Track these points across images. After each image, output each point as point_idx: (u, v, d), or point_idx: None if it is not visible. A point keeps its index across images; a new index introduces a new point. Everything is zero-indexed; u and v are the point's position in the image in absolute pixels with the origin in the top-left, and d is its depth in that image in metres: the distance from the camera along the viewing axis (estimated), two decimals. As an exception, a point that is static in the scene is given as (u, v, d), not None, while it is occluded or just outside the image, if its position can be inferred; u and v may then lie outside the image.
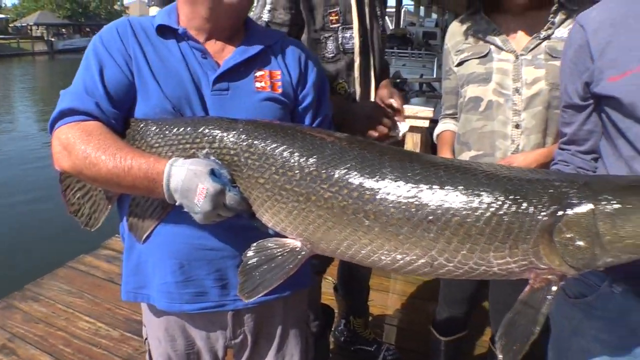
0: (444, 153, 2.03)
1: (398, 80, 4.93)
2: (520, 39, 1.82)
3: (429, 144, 4.90)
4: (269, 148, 1.21)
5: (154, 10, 5.49)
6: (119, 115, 1.33)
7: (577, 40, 1.35)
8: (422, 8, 26.48)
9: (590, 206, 0.99)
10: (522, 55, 1.80)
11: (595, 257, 1.00)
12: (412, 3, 25.38)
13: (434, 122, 5.15)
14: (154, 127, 1.31)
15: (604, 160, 1.35)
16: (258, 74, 1.41)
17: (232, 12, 1.38)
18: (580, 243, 0.99)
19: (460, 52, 1.93)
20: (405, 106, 4.28)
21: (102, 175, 1.24)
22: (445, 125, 2.09)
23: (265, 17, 1.82)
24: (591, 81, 1.31)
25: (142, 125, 1.33)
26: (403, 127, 1.92)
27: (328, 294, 2.94)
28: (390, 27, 18.12)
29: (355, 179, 1.12)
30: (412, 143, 4.14)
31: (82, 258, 4.01)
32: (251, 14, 1.77)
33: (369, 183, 1.10)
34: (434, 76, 8.18)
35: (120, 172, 1.22)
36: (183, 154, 1.28)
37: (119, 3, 77.90)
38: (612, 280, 1.32)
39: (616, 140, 1.28)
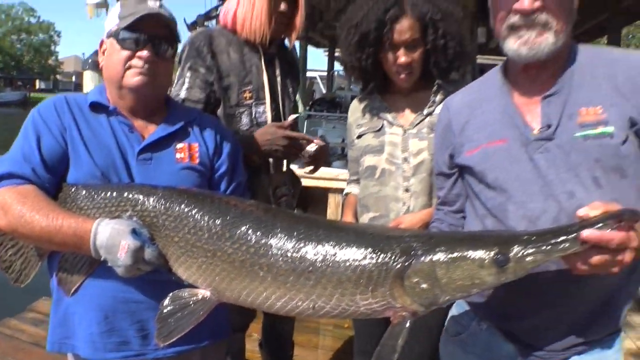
0: (347, 214, 2.28)
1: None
2: (407, 116, 2.15)
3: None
4: (183, 211, 1.43)
5: (88, 74, 5.65)
6: (52, 180, 1.50)
7: (444, 119, 1.66)
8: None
9: (430, 256, 1.25)
10: (408, 129, 2.11)
11: (437, 296, 1.25)
12: (343, 67, 26.53)
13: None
14: (84, 192, 1.49)
15: (467, 218, 1.63)
16: (178, 146, 1.63)
17: (134, 94, 1.59)
18: (424, 286, 1.24)
19: (359, 127, 2.23)
20: (327, 169, 4.56)
21: (36, 233, 1.40)
22: (349, 190, 2.36)
23: (182, 95, 2.05)
24: (454, 154, 1.61)
25: (72, 189, 1.51)
26: (312, 146, 2.17)
27: (255, 352, 3.05)
28: (324, 91, 18.81)
29: (252, 237, 1.36)
30: (335, 203, 4.43)
31: (7, 321, 3.93)
32: (172, 91, 2.00)
33: (263, 241, 1.35)
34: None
35: (52, 230, 1.39)
36: (109, 216, 1.46)
37: (53, 58, 76.24)
38: (479, 319, 1.57)
39: (474, 202, 1.57)
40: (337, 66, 16.60)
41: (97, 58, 5.61)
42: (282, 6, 2.09)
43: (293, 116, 2.14)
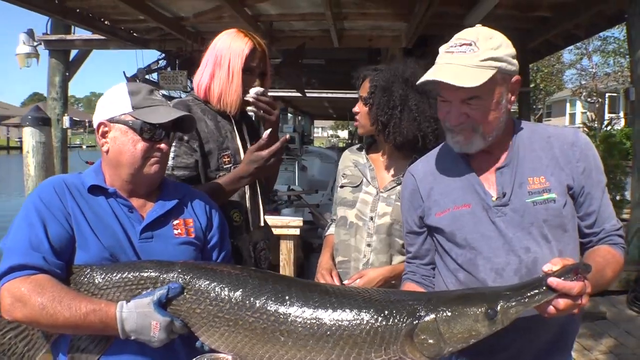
0: (326, 253, 2.52)
1: (269, 194, 5.43)
2: (384, 179, 2.40)
3: (300, 247, 5.40)
4: (203, 285, 1.52)
5: (27, 131, 5.55)
6: (62, 266, 1.51)
7: (410, 185, 1.90)
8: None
9: (432, 316, 1.43)
10: (381, 192, 2.37)
11: (442, 348, 1.44)
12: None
13: (307, 223, 5.60)
14: (100, 272, 1.53)
15: (438, 270, 1.86)
16: (174, 222, 1.71)
17: (149, 180, 1.69)
18: (431, 341, 1.42)
19: (344, 177, 2.50)
20: (277, 217, 4.71)
21: (60, 324, 1.43)
22: (331, 231, 2.59)
23: (170, 163, 2.07)
24: (423, 215, 1.83)
25: (87, 270, 1.54)
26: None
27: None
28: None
29: (272, 306, 1.47)
30: (287, 249, 4.61)
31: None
32: None
33: (282, 309, 1.47)
34: (296, 179, 8.86)
35: (77, 320, 1.43)
36: (129, 294, 1.50)
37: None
38: (457, 356, 1.80)
39: (444, 257, 1.80)
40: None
41: (37, 114, 5.50)
42: (256, 82, 2.25)
43: (267, 131, 2.19)
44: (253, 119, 2.66)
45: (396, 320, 1.45)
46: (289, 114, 30.79)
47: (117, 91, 1.71)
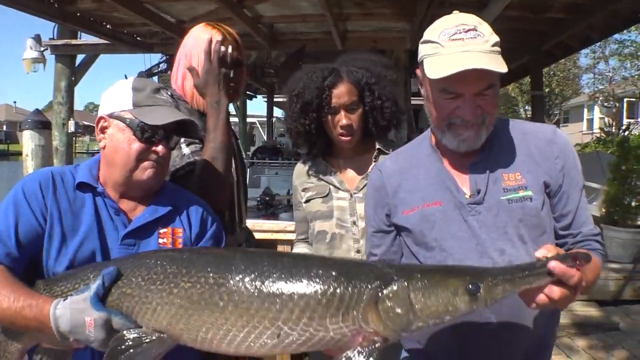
0: None
1: (267, 198, 5.30)
2: (352, 179, 2.24)
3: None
4: (134, 264, 1.39)
5: (27, 134, 5.53)
6: (24, 261, 1.46)
7: (377, 181, 1.76)
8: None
9: (405, 282, 1.26)
10: (355, 193, 2.21)
11: (410, 322, 1.25)
12: (287, 134, 26.83)
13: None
14: (56, 280, 1.45)
15: None
16: (162, 230, 1.59)
17: (142, 186, 1.58)
18: (399, 310, 1.24)
19: (306, 190, 2.30)
20: (274, 222, 4.58)
21: None
22: (299, 250, 2.41)
23: (186, 151, 1.92)
24: (390, 213, 1.70)
25: (47, 281, 1.46)
26: None
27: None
28: (264, 136, 18.82)
29: (211, 269, 1.32)
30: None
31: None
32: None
33: (223, 271, 1.31)
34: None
35: (14, 312, 1.34)
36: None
37: (-18, 108, 72.76)
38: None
39: (411, 261, 1.65)
40: (277, 112, 16.93)
41: (37, 117, 5.45)
42: (230, 74, 2.06)
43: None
44: None
45: (360, 282, 1.27)
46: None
47: (122, 86, 1.62)
